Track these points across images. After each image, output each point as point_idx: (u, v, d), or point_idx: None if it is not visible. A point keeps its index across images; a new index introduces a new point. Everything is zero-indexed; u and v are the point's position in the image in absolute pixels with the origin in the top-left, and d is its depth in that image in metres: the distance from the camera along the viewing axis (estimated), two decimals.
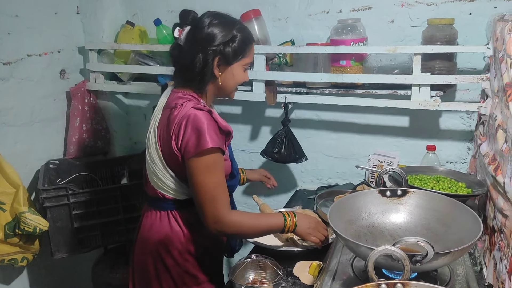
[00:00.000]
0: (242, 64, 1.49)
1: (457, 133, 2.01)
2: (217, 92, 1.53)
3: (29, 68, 2.28)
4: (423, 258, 0.98)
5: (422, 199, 1.30)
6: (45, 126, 2.39)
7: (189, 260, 1.54)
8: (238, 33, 1.45)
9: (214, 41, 1.42)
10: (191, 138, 1.36)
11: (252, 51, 1.52)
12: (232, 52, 1.44)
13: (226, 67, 1.46)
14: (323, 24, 2.12)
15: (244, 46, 1.47)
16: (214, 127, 1.38)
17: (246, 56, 1.49)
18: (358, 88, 1.97)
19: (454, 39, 1.81)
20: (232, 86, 1.52)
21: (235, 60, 1.46)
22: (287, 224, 1.48)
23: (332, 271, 1.21)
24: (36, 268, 2.36)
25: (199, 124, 1.36)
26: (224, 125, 1.42)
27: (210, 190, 1.38)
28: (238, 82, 1.52)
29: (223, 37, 1.43)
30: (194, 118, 1.37)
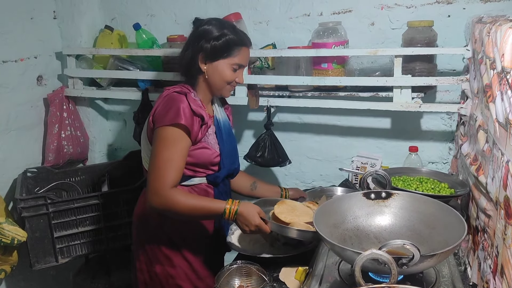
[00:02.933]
0: (228, 63, 1.58)
1: (438, 133, 2.03)
2: (209, 88, 1.63)
3: (5, 74, 2.22)
4: (409, 261, 0.98)
5: (406, 201, 1.30)
6: (22, 134, 2.33)
7: (162, 238, 1.63)
8: (227, 33, 1.56)
9: (201, 38, 1.56)
10: (161, 112, 1.51)
11: (242, 54, 1.60)
12: (214, 49, 1.55)
13: (210, 62, 1.57)
14: (304, 27, 2.12)
15: (230, 45, 1.56)
16: (186, 108, 1.50)
17: (233, 56, 1.58)
18: (340, 91, 1.98)
19: (433, 41, 1.82)
20: (219, 83, 1.60)
21: (219, 57, 1.57)
22: (227, 211, 1.50)
23: (319, 276, 1.20)
24: (15, 280, 2.29)
25: (171, 101, 1.52)
26: (196, 108, 1.52)
27: (160, 162, 1.48)
28: (225, 80, 1.60)
29: (210, 34, 1.56)
30: (169, 96, 1.54)
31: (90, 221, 2.15)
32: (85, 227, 2.15)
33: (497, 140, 1.11)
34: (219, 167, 1.65)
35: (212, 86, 1.62)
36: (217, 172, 1.65)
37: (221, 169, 1.65)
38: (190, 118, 1.50)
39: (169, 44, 2.24)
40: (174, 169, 1.49)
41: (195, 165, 1.60)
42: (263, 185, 1.91)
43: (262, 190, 1.88)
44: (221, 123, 1.69)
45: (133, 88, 2.36)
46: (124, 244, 2.22)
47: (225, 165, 1.65)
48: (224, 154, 1.64)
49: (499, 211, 1.06)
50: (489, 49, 1.30)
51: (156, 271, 1.64)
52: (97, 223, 2.16)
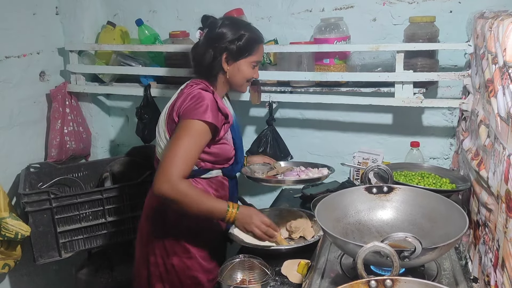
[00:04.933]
0: (249, 61, 1.65)
1: (440, 129, 2.04)
2: (228, 85, 1.69)
3: (8, 70, 2.23)
4: (411, 253, 0.98)
5: (407, 195, 1.31)
6: (25, 129, 2.34)
7: (181, 229, 1.65)
8: (245, 32, 1.62)
9: (223, 39, 1.61)
10: (190, 107, 1.54)
11: (260, 51, 1.67)
12: (238, 49, 1.61)
13: (233, 62, 1.63)
14: (306, 23, 2.13)
15: (250, 45, 1.63)
16: (213, 105, 1.55)
17: (253, 54, 1.64)
18: (342, 86, 1.98)
19: (435, 36, 1.83)
20: (240, 80, 1.68)
21: (241, 57, 1.63)
22: (228, 214, 1.55)
23: (321, 269, 1.21)
24: (19, 274, 2.31)
25: (200, 99, 1.55)
26: (223, 106, 1.59)
27: (176, 150, 1.50)
28: (246, 77, 1.67)
29: (231, 35, 1.61)
30: (198, 94, 1.56)
31: (93, 216, 2.16)
32: (88, 222, 2.16)
33: (498, 134, 1.11)
34: (234, 161, 1.72)
35: (233, 84, 1.68)
36: (233, 166, 1.72)
37: (238, 163, 1.73)
38: (217, 116, 1.55)
39: (171, 40, 2.25)
40: (188, 161, 1.52)
41: (216, 160, 1.65)
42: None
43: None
44: (234, 119, 1.74)
45: (135, 84, 2.36)
46: (127, 239, 2.24)
47: (239, 159, 1.74)
48: (238, 148, 1.72)
49: (500, 205, 1.07)
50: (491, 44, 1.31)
51: (173, 263, 1.66)
52: (100, 218, 2.18)
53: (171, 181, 1.47)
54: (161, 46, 2.28)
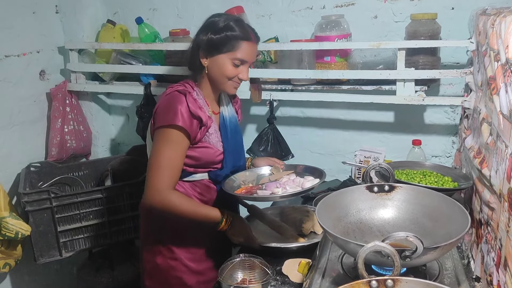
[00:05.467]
0: (229, 57, 1.54)
1: (442, 127, 2.02)
2: (212, 84, 1.61)
3: (7, 69, 2.22)
4: (412, 253, 0.97)
5: (409, 194, 1.29)
6: (25, 129, 2.34)
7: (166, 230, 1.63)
8: (228, 26, 1.53)
9: (203, 32, 1.55)
10: (161, 111, 1.52)
11: (244, 48, 1.54)
12: (212, 42, 1.52)
13: (211, 57, 1.54)
14: (307, 21, 2.12)
15: (229, 40, 1.52)
16: (184, 109, 1.49)
17: (233, 50, 1.53)
18: (343, 84, 1.97)
19: (437, 33, 1.81)
20: (220, 78, 1.57)
21: (219, 52, 1.53)
22: (222, 224, 1.56)
23: (322, 269, 1.20)
24: (19, 274, 2.30)
25: (171, 101, 1.51)
26: (195, 110, 1.51)
27: (159, 162, 1.50)
28: (225, 75, 1.56)
29: (212, 29, 1.53)
30: (170, 95, 1.53)
31: (93, 215, 2.16)
32: (89, 221, 2.16)
33: (501, 132, 1.10)
34: (222, 166, 1.64)
35: (214, 82, 1.59)
36: (219, 170, 1.64)
37: (224, 168, 1.64)
38: (188, 119, 1.50)
39: (171, 38, 2.24)
40: (173, 169, 1.51)
41: (197, 163, 1.59)
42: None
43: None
44: (227, 120, 1.67)
45: (135, 83, 2.36)
46: (128, 238, 2.24)
47: (227, 164, 1.64)
48: (227, 152, 1.63)
49: (502, 203, 1.06)
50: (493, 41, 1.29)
51: (157, 262, 1.65)
52: (100, 217, 2.17)
53: (161, 194, 1.49)
54: (161, 44, 2.27)
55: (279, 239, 1.63)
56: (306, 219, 1.66)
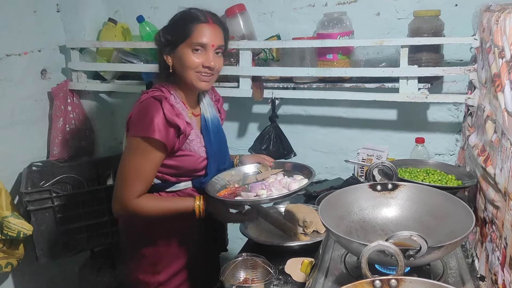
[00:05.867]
0: (186, 46, 1.43)
1: (445, 125, 2.01)
2: (185, 83, 1.50)
3: (9, 68, 2.21)
4: (416, 252, 0.96)
5: (412, 192, 1.28)
6: (26, 128, 2.33)
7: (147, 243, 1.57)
8: (179, 18, 1.47)
9: (161, 34, 1.49)
10: (134, 119, 1.43)
11: (199, 31, 1.43)
12: (169, 37, 1.45)
13: (173, 53, 1.47)
14: (309, 18, 2.10)
15: (182, 27, 1.44)
16: (160, 119, 1.40)
17: (188, 36, 1.43)
18: (345, 82, 1.96)
19: (440, 30, 1.80)
20: (185, 71, 1.46)
21: (176, 44, 1.45)
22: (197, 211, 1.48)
23: (324, 268, 1.19)
24: (21, 273, 2.30)
25: (146, 109, 1.42)
26: (171, 118, 1.41)
27: (127, 172, 1.44)
28: (189, 66, 1.44)
29: (166, 27, 1.48)
30: (145, 102, 1.44)
31: (95, 214, 2.16)
32: (90, 221, 2.16)
33: (505, 130, 1.09)
34: (206, 172, 1.56)
35: (183, 79, 1.48)
36: (203, 178, 1.56)
37: (208, 175, 1.56)
38: (164, 130, 1.40)
39: None
40: (142, 180, 1.44)
41: (178, 173, 1.52)
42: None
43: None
44: (209, 122, 1.57)
45: (137, 81, 2.35)
46: None
47: (211, 170, 1.57)
48: (211, 157, 1.55)
49: (508, 202, 1.05)
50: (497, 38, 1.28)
51: (139, 278, 1.59)
52: (102, 217, 2.17)
53: (122, 203, 1.45)
54: None
55: (282, 237, 1.62)
56: (309, 217, 1.65)
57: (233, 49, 2.08)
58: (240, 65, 2.05)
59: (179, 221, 1.53)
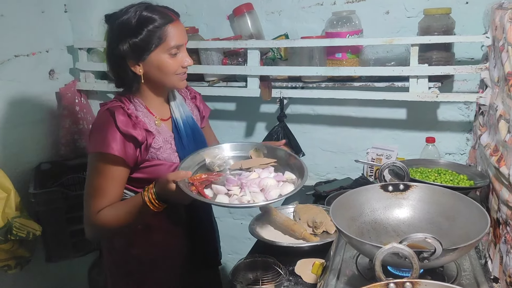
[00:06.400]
0: (162, 51, 1.34)
1: (456, 124, 1.99)
2: (154, 88, 1.42)
3: (17, 69, 2.21)
4: (431, 255, 0.95)
5: (425, 193, 1.27)
6: (35, 128, 2.33)
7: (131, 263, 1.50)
8: (142, 21, 1.32)
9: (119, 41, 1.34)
10: (91, 134, 1.39)
11: (171, 33, 1.34)
12: (139, 45, 1.32)
13: (143, 61, 1.35)
14: (317, 17, 2.09)
15: (154, 33, 1.32)
16: (114, 133, 1.32)
17: (163, 41, 1.33)
18: (354, 81, 1.94)
19: (451, 29, 1.78)
20: (164, 77, 1.38)
21: (148, 51, 1.33)
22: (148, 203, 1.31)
23: (336, 270, 1.18)
24: (31, 273, 2.30)
25: (99, 124, 1.36)
26: (125, 129, 1.32)
27: (88, 190, 1.37)
28: (168, 71, 1.37)
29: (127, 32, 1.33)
30: (99, 116, 1.38)
31: None
32: None
33: None
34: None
35: (157, 84, 1.41)
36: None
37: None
38: (121, 144, 1.32)
39: None
40: (104, 198, 1.35)
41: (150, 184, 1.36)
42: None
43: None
44: (179, 124, 1.47)
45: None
46: None
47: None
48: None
49: None
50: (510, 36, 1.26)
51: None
52: None
53: (87, 222, 1.37)
54: None
55: (291, 238, 1.61)
56: (319, 218, 1.64)
57: (241, 48, 2.07)
58: (248, 65, 2.04)
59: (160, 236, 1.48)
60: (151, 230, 1.48)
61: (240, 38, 2.12)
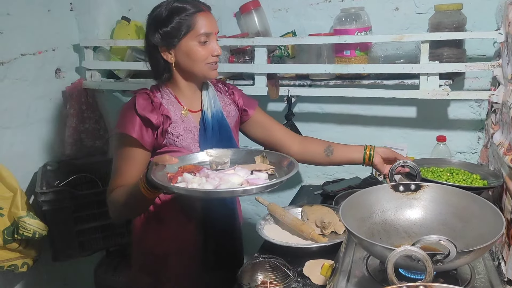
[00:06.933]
0: (192, 38, 1.39)
1: (467, 122, 1.95)
2: (186, 79, 1.47)
3: (23, 67, 2.21)
4: (444, 257, 0.92)
5: (437, 193, 1.24)
6: (41, 127, 2.33)
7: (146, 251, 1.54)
8: (173, 11, 1.39)
9: (151, 33, 1.42)
10: (119, 116, 1.44)
11: (201, 20, 1.39)
12: (169, 32, 1.38)
13: (173, 48, 1.41)
14: (325, 14, 2.06)
15: (184, 20, 1.38)
16: (130, 113, 1.40)
17: (192, 28, 1.38)
18: (363, 79, 1.91)
19: (463, 25, 1.74)
20: (194, 65, 1.42)
21: (178, 38, 1.39)
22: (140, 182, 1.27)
23: (346, 272, 1.15)
24: (38, 273, 2.30)
25: (124, 108, 1.44)
26: (141, 112, 1.38)
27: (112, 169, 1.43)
28: (198, 58, 1.41)
29: (158, 23, 1.40)
30: (128, 102, 1.45)
31: None
32: (106, 220, 2.15)
33: None
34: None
35: (191, 73, 1.45)
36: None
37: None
38: (139, 127, 1.38)
39: None
40: (121, 178, 1.40)
41: None
42: (341, 147, 1.65)
43: (341, 154, 1.63)
44: (208, 117, 1.49)
45: (151, 80, 2.31)
46: None
47: None
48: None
49: None
50: None
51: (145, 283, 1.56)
52: None
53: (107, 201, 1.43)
54: None
55: (299, 239, 1.59)
56: (327, 218, 1.62)
57: (247, 46, 2.05)
58: (255, 63, 2.02)
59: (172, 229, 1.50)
60: (162, 222, 1.50)
61: (247, 35, 2.10)
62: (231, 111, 1.59)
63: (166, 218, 1.51)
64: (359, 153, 1.60)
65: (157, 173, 1.23)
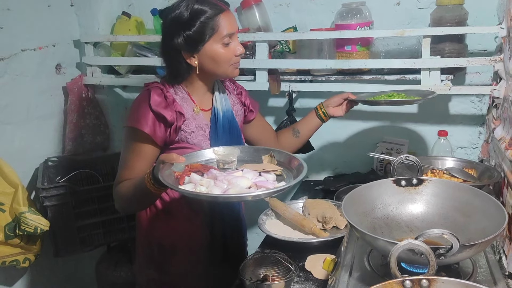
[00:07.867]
0: (216, 41, 1.38)
1: (468, 117, 1.95)
2: (204, 79, 1.47)
3: (24, 63, 2.20)
4: (447, 251, 0.92)
5: (438, 187, 1.24)
6: (42, 123, 2.33)
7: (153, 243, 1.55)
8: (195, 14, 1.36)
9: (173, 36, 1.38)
10: (130, 109, 1.45)
11: (223, 22, 1.38)
12: (193, 37, 1.36)
13: (197, 52, 1.39)
14: (326, 9, 2.05)
15: (206, 24, 1.36)
16: (143, 108, 1.39)
17: (216, 31, 1.37)
18: (364, 74, 1.91)
19: (464, 20, 1.74)
20: (218, 67, 1.42)
21: (203, 42, 1.38)
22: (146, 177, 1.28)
23: (348, 266, 1.15)
24: (39, 268, 2.30)
25: (137, 100, 1.43)
26: (156, 108, 1.38)
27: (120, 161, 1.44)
28: (223, 60, 1.41)
29: (180, 27, 1.37)
30: (140, 96, 1.44)
31: (111, 210, 2.14)
32: (107, 216, 2.15)
33: None
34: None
35: (213, 75, 1.46)
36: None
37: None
38: (152, 122, 1.38)
39: None
40: (128, 171, 1.41)
41: None
42: (302, 123, 1.75)
43: (305, 128, 1.74)
44: (219, 115, 1.51)
45: (151, 75, 2.32)
46: None
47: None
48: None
49: None
50: None
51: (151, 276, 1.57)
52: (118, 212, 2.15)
53: (113, 193, 1.45)
54: None
55: (301, 233, 1.59)
56: (328, 213, 1.62)
57: (249, 41, 2.04)
58: (256, 58, 2.01)
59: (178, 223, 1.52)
60: (169, 215, 1.52)
61: (248, 31, 2.10)
62: (238, 111, 1.62)
63: (173, 211, 1.53)
64: (315, 118, 1.72)
65: (164, 172, 1.23)
